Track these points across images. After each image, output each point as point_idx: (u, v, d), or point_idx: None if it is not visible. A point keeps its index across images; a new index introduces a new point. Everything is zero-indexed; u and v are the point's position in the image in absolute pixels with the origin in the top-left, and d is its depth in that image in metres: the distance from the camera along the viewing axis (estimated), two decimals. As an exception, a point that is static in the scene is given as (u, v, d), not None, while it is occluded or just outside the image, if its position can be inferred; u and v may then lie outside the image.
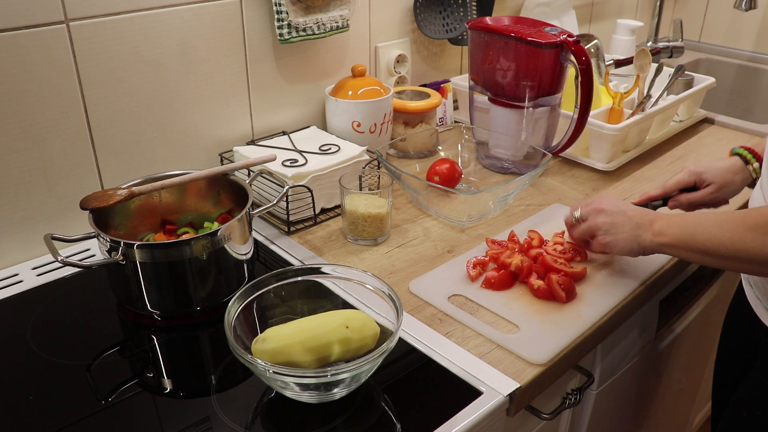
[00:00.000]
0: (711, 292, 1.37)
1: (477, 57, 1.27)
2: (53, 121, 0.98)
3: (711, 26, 2.19)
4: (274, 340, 0.73)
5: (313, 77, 1.31)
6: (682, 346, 1.35)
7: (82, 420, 0.74)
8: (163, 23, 1.05)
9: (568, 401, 0.93)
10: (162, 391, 0.80)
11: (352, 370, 0.70)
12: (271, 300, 0.83)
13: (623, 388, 1.15)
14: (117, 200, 0.89)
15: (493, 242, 1.03)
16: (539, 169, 1.10)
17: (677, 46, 1.81)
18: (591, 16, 1.98)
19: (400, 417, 0.75)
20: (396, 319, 0.76)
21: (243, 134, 1.24)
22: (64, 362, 0.83)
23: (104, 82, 1.02)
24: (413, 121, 1.37)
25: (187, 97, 1.12)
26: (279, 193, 0.99)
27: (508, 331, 0.86)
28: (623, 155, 1.35)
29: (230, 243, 0.88)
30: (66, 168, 1.02)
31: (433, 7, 1.47)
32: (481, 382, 0.79)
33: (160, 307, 0.88)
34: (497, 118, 1.29)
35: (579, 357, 0.89)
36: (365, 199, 1.05)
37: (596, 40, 1.49)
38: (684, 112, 1.54)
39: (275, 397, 0.77)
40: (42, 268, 1.01)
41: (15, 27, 0.91)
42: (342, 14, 1.25)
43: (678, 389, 1.48)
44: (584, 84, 1.18)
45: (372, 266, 1.00)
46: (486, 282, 0.94)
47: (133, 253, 0.83)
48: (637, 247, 0.89)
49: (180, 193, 1.00)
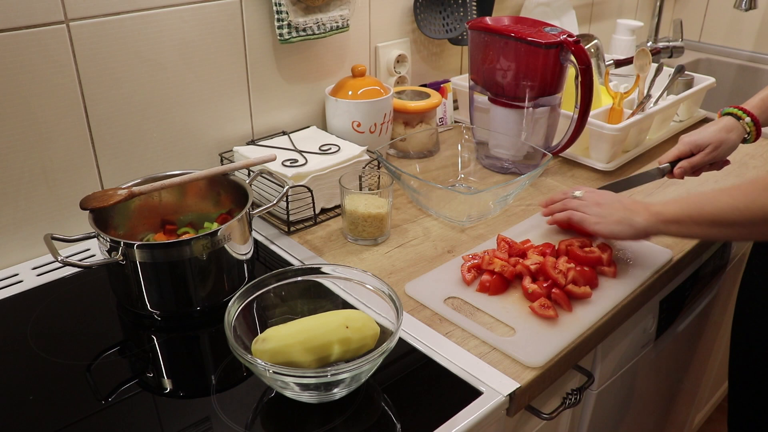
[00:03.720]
0: (711, 292, 1.37)
1: (477, 57, 1.27)
2: (53, 121, 0.98)
3: (711, 26, 2.19)
4: (274, 340, 0.73)
5: (313, 77, 1.31)
6: (682, 346, 1.35)
7: (82, 420, 0.74)
8: (163, 23, 1.05)
9: (568, 401, 0.93)
10: (162, 391, 0.80)
11: (352, 370, 0.70)
12: (271, 300, 0.83)
13: (623, 388, 1.15)
14: (117, 200, 0.89)
15: (503, 240, 1.02)
16: (539, 169, 1.10)
17: (677, 46, 1.81)
18: (591, 16, 1.98)
19: (400, 417, 0.75)
20: (396, 319, 0.76)
21: (243, 134, 1.24)
22: (64, 362, 0.83)
23: (104, 82, 1.02)
24: (413, 121, 1.37)
25: (187, 97, 1.12)
26: (279, 193, 0.99)
27: (503, 334, 0.86)
28: (623, 155, 1.35)
29: (230, 243, 0.88)
30: (66, 168, 1.02)
31: (433, 7, 1.47)
32: (481, 382, 0.79)
33: (160, 307, 0.88)
34: (497, 118, 1.29)
35: (579, 357, 0.89)
36: (365, 199, 1.05)
37: (596, 40, 1.49)
38: (684, 112, 1.53)
39: (275, 397, 0.77)
40: (42, 268, 1.01)
41: (15, 27, 0.91)
42: (342, 14, 1.25)
43: (678, 389, 1.48)
44: (584, 84, 1.18)
45: (372, 266, 1.00)
46: (481, 286, 0.93)
47: (133, 253, 0.83)
48: (629, 229, 0.92)
49: (180, 193, 1.00)
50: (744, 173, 1.30)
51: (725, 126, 1.08)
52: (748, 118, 1.08)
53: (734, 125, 1.08)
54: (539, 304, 0.89)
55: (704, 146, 1.07)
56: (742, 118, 1.08)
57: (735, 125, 1.08)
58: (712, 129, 1.08)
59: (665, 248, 1.04)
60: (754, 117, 1.08)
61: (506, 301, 0.92)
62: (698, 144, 1.07)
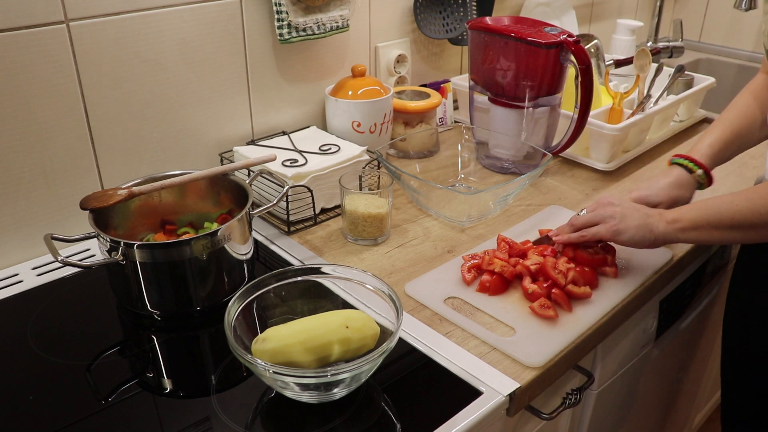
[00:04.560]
0: (711, 292, 1.37)
1: (477, 57, 1.27)
2: (53, 121, 0.98)
3: (711, 26, 2.19)
4: (274, 340, 0.73)
5: (313, 77, 1.31)
6: (682, 346, 1.35)
7: (82, 420, 0.74)
8: (163, 23, 1.05)
9: (568, 401, 0.93)
10: (162, 391, 0.80)
11: (352, 370, 0.70)
12: (271, 300, 0.83)
13: (623, 388, 1.15)
14: (117, 200, 0.89)
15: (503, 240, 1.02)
16: (539, 169, 1.10)
17: (677, 46, 1.81)
18: (591, 16, 1.98)
19: (400, 417, 0.75)
20: (396, 319, 0.76)
21: (243, 134, 1.24)
22: (64, 362, 0.83)
23: (104, 82, 1.02)
24: (413, 121, 1.37)
25: (187, 97, 1.12)
26: (279, 193, 0.99)
27: (503, 334, 0.86)
28: (623, 155, 1.34)
29: (230, 243, 0.88)
30: (66, 168, 1.02)
31: (433, 7, 1.47)
32: (481, 382, 0.79)
33: (160, 307, 0.88)
34: (497, 118, 1.29)
35: (579, 357, 0.89)
36: (365, 199, 1.05)
37: (596, 40, 1.49)
38: (684, 112, 1.53)
39: (275, 397, 0.77)
40: (42, 268, 1.01)
41: (15, 27, 0.91)
42: (342, 14, 1.25)
43: (678, 389, 1.48)
44: (584, 84, 1.18)
45: (372, 266, 1.00)
46: (481, 286, 0.93)
47: (133, 253, 0.83)
48: (649, 234, 0.90)
49: (180, 193, 1.00)
50: (744, 173, 1.30)
51: (677, 181, 1.03)
52: (700, 170, 1.03)
53: (686, 180, 1.04)
54: (539, 304, 0.89)
55: (655, 204, 1.01)
56: (694, 171, 1.04)
57: (687, 180, 1.04)
58: (663, 184, 1.03)
59: (665, 248, 1.04)
60: (705, 168, 1.04)
61: (506, 301, 0.92)
62: (649, 202, 1.01)
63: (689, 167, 1.04)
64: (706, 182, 1.05)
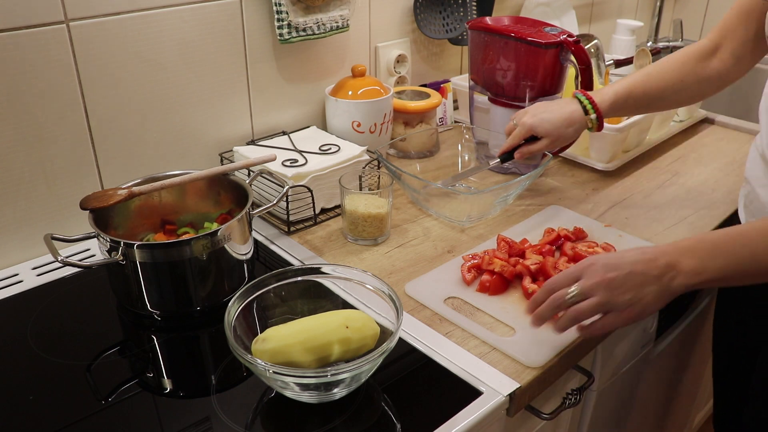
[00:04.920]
0: (711, 291, 1.37)
1: (477, 57, 1.27)
2: (53, 121, 0.98)
3: (711, 26, 2.18)
4: (274, 340, 0.73)
5: (313, 77, 1.31)
6: (683, 346, 1.35)
7: (82, 420, 0.74)
8: (163, 23, 1.05)
9: (568, 401, 0.93)
10: (162, 391, 0.80)
11: (352, 370, 0.70)
12: (271, 300, 0.83)
13: (623, 388, 1.15)
14: (117, 200, 0.89)
15: (503, 239, 1.02)
16: (539, 169, 1.10)
17: (677, 46, 1.81)
18: (591, 16, 1.98)
19: (400, 417, 0.75)
20: (396, 319, 0.76)
21: (243, 134, 1.24)
22: (64, 362, 0.83)
23: (104, 82, 1.02)
24: (413, 121, 1.37)
25: (187, 97, 1.12)
26: (279, 193, 0.99)
27: (503, 334, 0.86)
28: (623, 155, 1.34)
29: (230, 243, 0.88)
30: (66, 168, 1.02)
31: (433, 7, 1.47)
32: (481, 382, 0.79)
33: (160, 307, 0.88)
34: (497, 118, 1.29)
35: (579, 357, 0.89)
36: (365, 199, 1.05)
37: (596, 40, 1.49)
38: (684, 112, 1.53)
39: (275, 397, 0.77)
40: (42, 268, 1.01)
41: (15, 27, 0.91)
42: (342, 14, 1.25)
43: (678, 389, 1.48)
44: (584, 84, 1.18)
45: (372, 266, 1.00)
46: (481, 286, 0.93)
47: (133, 253, 0.83)
48: (669, 296, 0.75)
49: (180, 193, 1.00)
50: (742, 172, 1.30)
51: (570, 119, 1.06)
52: (594, 115, 1.05)
53: (578, 119, 1.06)
54: None
55: (541, 135, 1.06)
56: (589, 113, 1.05)
57: (579, 119, 1.06)
58: (553, 120, 1.06)
59: (665, 248, 1.03)
60: (599, 113, 1.05)
61: (506, 301, 0.92)
62: (536, 131, 1.07)
63: (587, 108, 1.06)
64: (595, 128, 1.06)
